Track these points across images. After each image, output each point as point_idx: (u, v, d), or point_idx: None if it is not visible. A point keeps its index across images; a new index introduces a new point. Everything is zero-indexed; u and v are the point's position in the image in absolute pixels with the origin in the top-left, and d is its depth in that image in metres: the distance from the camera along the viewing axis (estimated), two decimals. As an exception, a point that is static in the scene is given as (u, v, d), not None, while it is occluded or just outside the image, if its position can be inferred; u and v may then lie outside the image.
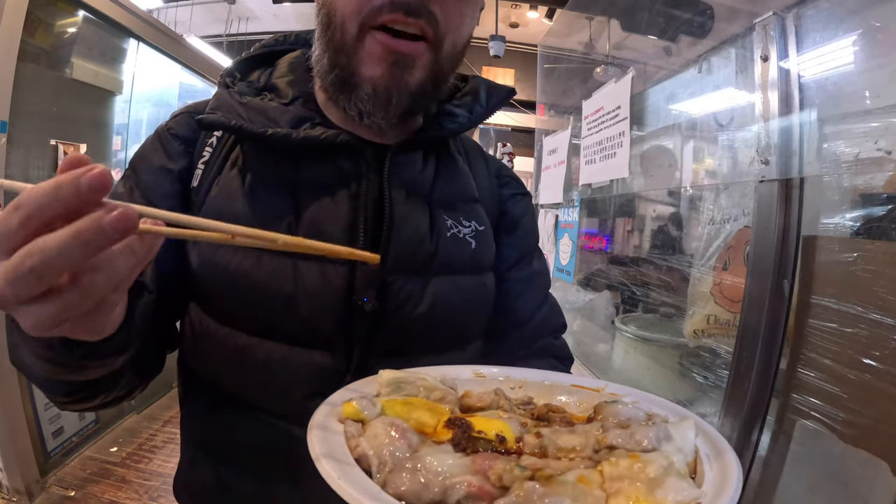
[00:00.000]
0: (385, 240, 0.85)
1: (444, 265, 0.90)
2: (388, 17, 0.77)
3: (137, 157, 0.92)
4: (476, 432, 0.54)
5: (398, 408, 0.59)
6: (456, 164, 1.01)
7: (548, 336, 1.10)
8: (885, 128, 1.10)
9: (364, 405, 0.58)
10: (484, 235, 0.98)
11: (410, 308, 0.86)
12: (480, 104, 1.00)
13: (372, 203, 0.86)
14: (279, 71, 0.97)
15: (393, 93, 0.82)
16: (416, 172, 0.93)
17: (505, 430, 0.55)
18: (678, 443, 0.54)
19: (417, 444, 0.53)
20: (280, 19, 7.86)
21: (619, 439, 0.53)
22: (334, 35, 0.82)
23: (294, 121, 0.87)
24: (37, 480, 2.90)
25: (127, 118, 3.97)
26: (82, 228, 0.41)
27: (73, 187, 0.41)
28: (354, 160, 0.87)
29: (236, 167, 0.87)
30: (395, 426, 0.53)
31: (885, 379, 1.06)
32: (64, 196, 0.41)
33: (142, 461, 3.36)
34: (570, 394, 0.75)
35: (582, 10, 3.18)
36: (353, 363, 0.83)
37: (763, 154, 1.35)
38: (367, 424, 0.55)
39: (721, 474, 0.49)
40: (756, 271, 1.38)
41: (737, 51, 1.55)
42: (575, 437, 0.55)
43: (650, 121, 2.20)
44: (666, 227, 2.59)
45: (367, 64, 0.81)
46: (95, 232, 0.41)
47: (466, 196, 1.00)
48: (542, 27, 6.81)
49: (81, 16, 3.28)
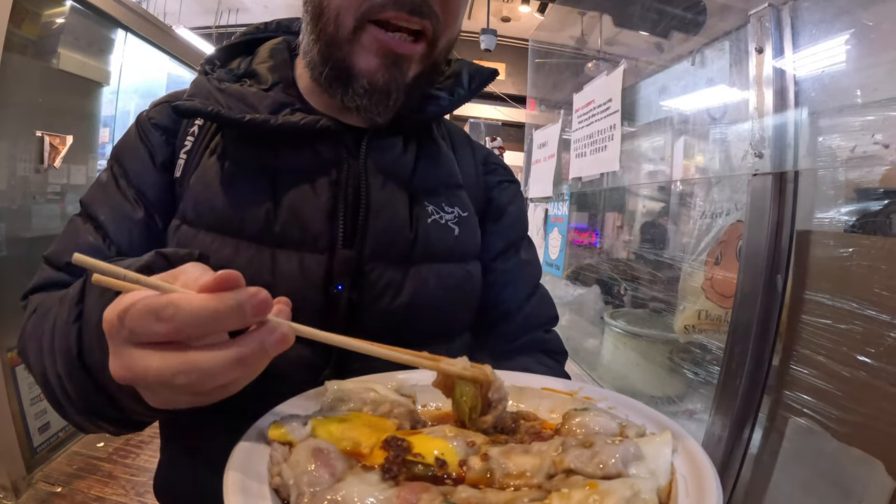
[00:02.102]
0: (362, 227, 0.83)
1: (426, 253, 0.89)
2: (392, 14, 0.76)
3: (121, 147, 0.91)
4: (413, 455, 0.50)
5: (332, 427, 0.55)
6: (438, 149, 0.99)
7: (537, 329, 1.07)
8: (882, 121, 1.09)
9: (292, 426, 0.54)
10: (468, 222, 0.96)
11: (390, 298, 0.84)
12: (462, 86, 0.98)
13: (352, 190, 0.85)
14: (259, 57, 0.95)
15: (391, 88, 0.81)
16: (394, 157, 0.91)
17: (447, 451, 0.51)
18: (650, 463, 0.48)
19: (342, 471, 0.49)
20: (270, 11, 7.80)
21: (577, 461, 0.48)
22: (326, 27, 0.79)
23: (273, 106, 0.85)
24: (23, 476, 2.88)
25: (114, 109, 3.92)
26: (247, 353, 0.45)
27: (236, 315, 0.44)
28: (334, 146, 0.86)
29: (215, 155, 0.85)
30: (319, 451, 0.49)
31: (879, 376, 1.05)
32: (222, 322, 0.44)
33: (129, 457, 3.33)
34: (541, 398, 0.71)
35: (574, 5, 3.16)
36: (333, 357, 0.80)
37: (757, 147, 1.34)
38: (294, 448, 0.52)
39: (697, 501, 0.44)
40: (749, 266, 1.36)
41: (731, 43, 1.54)
42: (528, 458, 0.50)
43: (642, 114, 2.19)
44: (657, 221, 2.58)
45: (362, 58, 0.79)
46: (259, 356, 0.45)
47: (449, 182, 0.98)
48: (533, 21, 6.78)
49: (69, 6, 3.22)
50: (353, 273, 0.82)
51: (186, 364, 0.42)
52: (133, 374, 0.45)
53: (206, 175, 0.84)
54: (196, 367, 0.42)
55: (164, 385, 0.44)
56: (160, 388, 0.45)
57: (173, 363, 0.43)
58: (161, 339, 0.43)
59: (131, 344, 0.44)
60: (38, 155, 3.06)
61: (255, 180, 0.83)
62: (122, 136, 0.92)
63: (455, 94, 0.97)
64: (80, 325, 0.57)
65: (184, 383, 0.43)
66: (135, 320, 0.43)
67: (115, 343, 0.46)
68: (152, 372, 0.43)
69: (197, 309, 0.42)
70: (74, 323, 0.58)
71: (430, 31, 0.79)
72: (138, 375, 0.44)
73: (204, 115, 0.82)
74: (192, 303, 0.42)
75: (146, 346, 0.44)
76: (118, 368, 0.46)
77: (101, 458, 3.28)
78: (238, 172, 0.83)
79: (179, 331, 0.42)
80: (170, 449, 0.95)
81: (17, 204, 2.99)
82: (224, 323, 0.43)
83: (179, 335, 0.43)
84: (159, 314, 0.42)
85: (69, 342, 0.58)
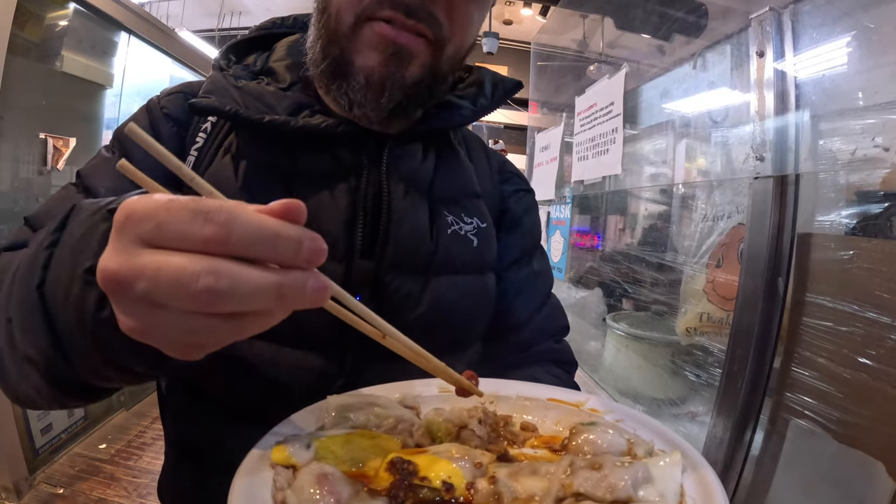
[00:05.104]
0: (383, 236, 0.81)
1: (445, 264, 0.87)
2: (388, 14, 0.74)
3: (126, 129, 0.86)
4: (419, 479, 0.48)
5: (336, 447, 0.53)
6: (458, 157, 0.97)
7: (548, 339, 1.05)
8: (883, 124, 1.09)
9: (295, 449, 0.52)
10: (486, 233, 0.94)
11: (409, 309, 0.82)
12: (485, 96, 0.96)
13: (372, 197, 0.82)
14: (277, 54, 0.93)
15: (387, 85, 0.78)
16: (415, 165, 0.89)
17: (454, 474, 0.49)
18: (660, 485, 0.47)
19: (348, 497, 0.47)
20: (272, 13, 7.76)
21: (587, 484, 0.46)
22: (328, 23, 0.78)
23: (292, 107, 0.83)
24: (25, 478, 2.87)
25: (117, 112, 3.91)
26: (287, 284, 0.39)
27: (293, 247, 0.39)
28: (354, 151, 0.83)
29: (229, 154, 0.82)
30: (325, 477, 0.47)
31: (880, 378, 1.05)
32: (278, 247, 0.39)
33: (131, 458, 3.33)
34: (546, 409, 0.69)
35: (576, 8, 3.16)
36: (347, 366, 0.79)
37: (758, 150, 1.34)
38: (298, 472, 0.49)
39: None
40: (750, 269, 1.37)
41: (732, 46, 1.54)
42: (536, 481, 0.49)
43: (644, 118, 2.19)
44: (658, 224, 2.58)
45: (362, 53, 0.77)
46: (297, 294, 0.40)
47: (468, 191, 0.96)
48: (535, 24, 6.79)
49: (72, 8, 3.23)
50: (373, 283, 0.80)
51: (219, 266, 0.36)
52: (132, 270, 0.37)
53: (220, 175, 0.81)
54: (230, 272, 0.36)
55: (176, 286, 0.36)
56: (166, 293, 0.36)
57: (202, 262, 0.36)
58: (193, 247, 0.37)
59: (147, 244, 0.37)
60: (41, 157, 3.07)
61: (271, 183, 0.80)
62: (128, 118, 0.86)
63: (477, 103, 0.95)
64: (53, 251, 0.52)
65: (207, 285, 0.35)
66: (175, 214, 0.37)
67: (124, 238, 0.38)
68: (170, 267, 0.36)
69: (258, 223, 0.38)
70: (47, 249, 0.52)
71: (429, 34, 0.77)
72: (140, 273, 0.37)
73: (222, 114, 0.79)
74: (251, 216, 0.38)
75: (167, 249, 0.37)
76: (111, 262, 0.38)
77: (103, 460, 3.27)
78: (253, 174, 0.81)
79: (227, 239, 0.37)
80: (173, 452, 0.93)
81: (19, 206, 2.99)
82: (278, 249, 0.39)
83: (224, 245, 0.37)
84: (209, 215, 0.36)
85: (34, 269, 0.52)
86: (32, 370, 0.55)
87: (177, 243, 0.37)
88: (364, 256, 0.80)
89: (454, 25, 0.78)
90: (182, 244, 0.37)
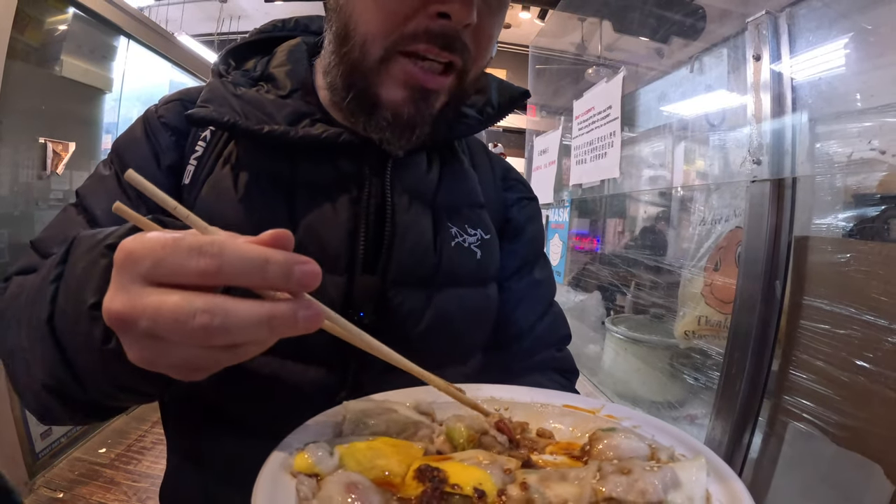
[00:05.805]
0: (386, 250, 0.79)
1: (449, 277, 0.85)
2: (422, 48, 0.72)
3: (125, 141, 0.84)
4: (450, 486, 0.47)
5: (360, 455, 0.51)
6: (462, 166, 0.95)
7: (549, 348, 1.03)
8: (879, 127, 1.09)
9: (319, 456, 0.50)
10: (489, 244, 0.92)
11: (412, 325, 0.81)
12: (492, 105, 0.95)
13: (374, 209, 0.80)
14: (277, 59, 0.90)
15: (417, 122, 0.77)
16: (419, 175, 0.87)
17: (485, 481, 0.48)
18: (688, 489, 0.47)
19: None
20: (272, 17, 7.81)
21: (618, 489, 0.46)
22: (351, 52, 0.75)
23: (293, 116, 0.80)
24: (25, 482, 2.86)
25: (116, 116, 3.91)
26: (277, 316, 0.41)
27: (282, 273, 0.40)
28: (356, 161, 0.81)
29: (228, 164, 0.80)
30: (353, 486, 0.46)
31: (878, 381, 1.05)
32: (267, 273, 0.40)
33: (130, 462, 3.32)
34: (562, 415, 0.68)
35: (574, 11, 3.17)
36: (349, 380, 0.78)
37: (755, 154, 1.35)
38: (323, 480, 0.48)
39: None
40: (748, 272, 1.37)
41: (729, 50, 1.55)
42: (568, 486, 0.48)
43: (641, 121, 2.20)
44: (657, 227, 2.59)
45: (387, 87, 0.75)
46: (288, 325, 0.41)
47: (472, 201, 0.94)
48: (533, 28, 6.78)
49: (72, 13, 3.23)
50: (376, 300, 0.79)
51: (213, 304, 0.38)
52: (134, 310, 0.40)
53: (219, 186, 0.79)
54: (223, 309, 0.38)
55: (175, 325, 0.38)
56: (166, 330, 0.39)
57: (197, 300, 0.38)
58: (189, 280, 0.39)
59: (146, 281, 0.40)
60: (40, 161, 3.06)
61: (271, 194, 0.78)
62: (126, 130, 0.86)
63: (484, 113, 0.94)
64: (58, 285, 0.53)
65: (203, 323, 0.38)
66: (169, 251, 0.39)
67: (125, 277, 0.41)
68: (167, 307, 0.38)
69: (246, 252, 0.40)
70: (52, 283, 0.53)
71: (459, 64, 0.75)
72: (142, 313, 0.39)
73: (220, 125, 0.77)
74: (240, 246, 0.40)
75: (164, 286, 0.40)
76: (116, 303, 0.41)
77: (103, 464, 3.26)
78: (253, 185, 0.78)
79: (219, 270, 0.39)
80: (175, 458, 0.91)
81: (19, 210, 2.98)
82: (268, 275, 0.40)
83: (217, 277, 0.39)
84: (203, 248, 0.39)
85: (42, 303, 0.53)
86: (49, 397, 0.57)
87: (174, 278, 0.40)
88: (366, 270, 0.79)
89: (479, 49, 0.77)
90: (179, 279, 0.40)
